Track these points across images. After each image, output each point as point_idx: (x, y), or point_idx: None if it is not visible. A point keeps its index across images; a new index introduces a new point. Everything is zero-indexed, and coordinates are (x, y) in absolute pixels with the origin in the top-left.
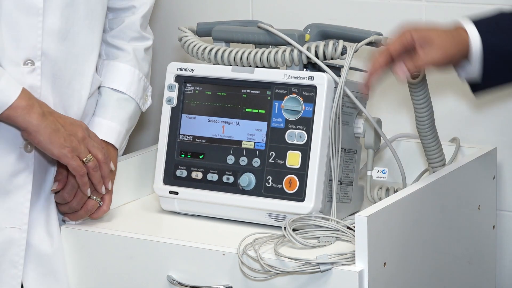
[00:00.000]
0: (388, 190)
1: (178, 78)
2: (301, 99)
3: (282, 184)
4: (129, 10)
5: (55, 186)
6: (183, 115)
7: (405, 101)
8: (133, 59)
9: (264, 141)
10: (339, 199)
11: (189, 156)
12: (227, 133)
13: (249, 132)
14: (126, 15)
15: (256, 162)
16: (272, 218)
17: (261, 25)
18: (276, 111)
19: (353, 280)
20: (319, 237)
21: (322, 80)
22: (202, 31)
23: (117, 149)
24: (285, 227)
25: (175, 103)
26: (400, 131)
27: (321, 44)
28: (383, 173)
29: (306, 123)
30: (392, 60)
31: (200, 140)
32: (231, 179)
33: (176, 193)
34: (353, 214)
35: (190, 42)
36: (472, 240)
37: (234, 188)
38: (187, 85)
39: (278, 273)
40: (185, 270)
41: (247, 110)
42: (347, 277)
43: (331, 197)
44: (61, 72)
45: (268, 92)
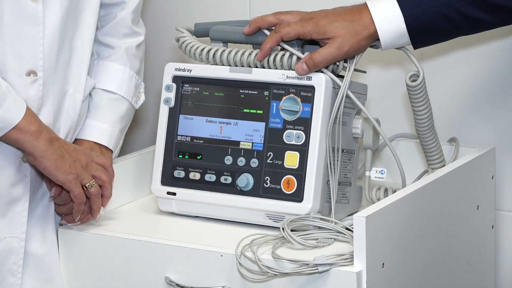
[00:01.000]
0: (387, 191)
1: (176, 79)
2: (299, 100)
3: (280, 185)
4: (119, 6)
5: (53, 192)
6: (181, 116)
7: (404, 101)
8: (124, 57)
9: (262, 142)
10: (338, 200)
11: (187, 157)
12: (225, 134)
13: (247, 133)
14: (117, 11)
15: (254, 163)
16: (270, 219)
17: None
18: (274, 112)
19: (352, 281)
20: (317, 238)
21: (320, 81)
22: (200, 32)
23: (112, 150)
24: (283, 228)
25: (173, 104)
26: (399, 131)
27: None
28: (382, 174)
29: (304, 124)
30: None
31: (198, 141)
32: (229, 180)
33: (174, 194)
34: (352, 215)
35: (188, 43)
36: (471, 240)
37: (232, 189)
38: (185, 86)
39: (276, 275)
40: (183, 272)
41: (245, 111)
42: (346, 278)
43: (330, 198)
44: (59, 78)
45: (266, 93)
